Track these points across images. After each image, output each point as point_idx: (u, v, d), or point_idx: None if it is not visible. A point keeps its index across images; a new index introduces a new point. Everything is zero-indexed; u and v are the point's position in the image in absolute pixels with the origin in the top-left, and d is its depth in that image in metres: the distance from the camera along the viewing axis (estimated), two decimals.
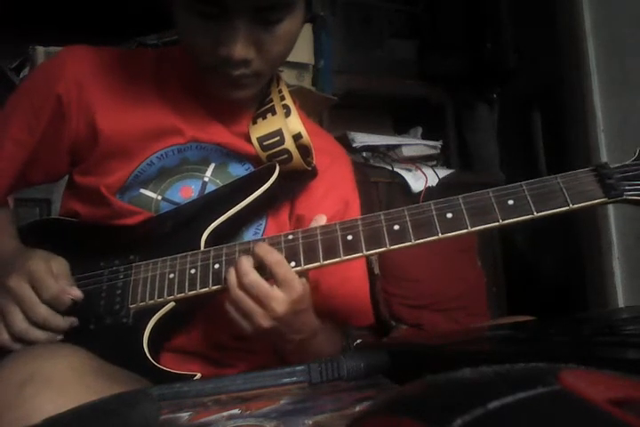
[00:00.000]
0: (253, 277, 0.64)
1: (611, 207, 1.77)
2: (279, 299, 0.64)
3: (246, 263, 0.65)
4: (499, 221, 0.63)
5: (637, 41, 1.68)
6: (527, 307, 1.38)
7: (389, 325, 1.71)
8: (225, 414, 0.50)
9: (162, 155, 0.81)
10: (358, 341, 0.81)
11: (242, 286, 0.64)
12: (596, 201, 0.62)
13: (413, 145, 2.08)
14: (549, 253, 2.10)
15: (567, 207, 0.62)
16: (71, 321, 0.70)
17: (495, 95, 2.29)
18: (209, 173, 0.82)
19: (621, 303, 1.75)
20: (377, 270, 1.72)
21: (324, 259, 0.66)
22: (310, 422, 0.48)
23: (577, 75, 1.86)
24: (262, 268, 0.66)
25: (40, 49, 1.55)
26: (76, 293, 0.70)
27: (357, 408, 0.52)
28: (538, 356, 0.50)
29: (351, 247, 0.66)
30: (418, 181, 1.90)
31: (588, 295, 1.86)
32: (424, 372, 0.30)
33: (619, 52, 1.75)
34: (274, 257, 0.65)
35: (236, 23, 0.67)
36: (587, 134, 1.82)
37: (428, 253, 1.75)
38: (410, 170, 1.93)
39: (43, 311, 0.67)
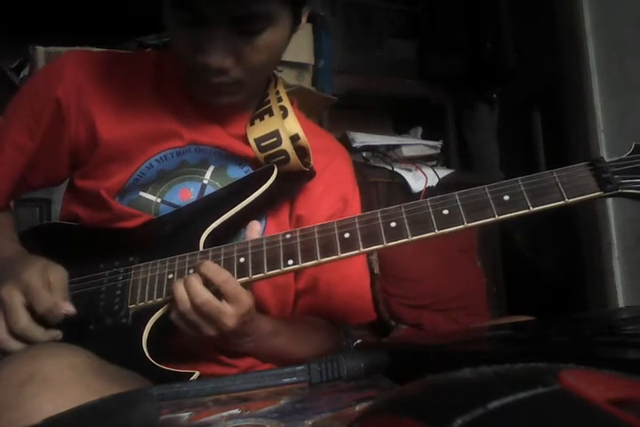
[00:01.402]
0: (206, 297, 0.65)
1: (611, 207, 1.77)
2: (229, 314, 0.66)
3: (197, 283, 0.66)
4: (495, 217, 0.63)
5: (637, 41, 1.68)
6: (527, 307, 1.38)
7: (389, 325, 1.71)
8: (225, 414, 0.50)
9: (161, 158, 0.81)
10: (358, 341, 0.81)
11: (194, 305, 0.65)
12: (592, 195, 0.61)
13: (413, 145, 2.08)
14: (549, 253, 2.10)
15: (563, 202, 0.61)
16: (54, 335, 0.68)
17: (495, 95, 2.29)
18: (208, 175, 0.82)
19: (621, 303, 1.75)
20: (377, 270, 1.72)
21: (322, 257, 0.67)
22: (310, 422, 0.48)
23: (577, 75, 1.86)
24: (209, 283, 0.67)
25: (40, 49, 1.54)
26: (69, 308, 0.69)
27: (357, 408, 0.52)
28: (538, 356, 0.50)
29: (348, 245, 0.66)
30: (418, 181, 1.90)
31: (588, 295, 1.86)
32: (424, 372, 0.30)
33: (619, 52, 1.75)
34: (221, 276, 0.66)
35: (213, 32, 0.67)
36: (587, 134, 1.82)
37: (428, 253, 1.75)
38: (410, 170, 1.93)
39: (23, 322, 0.66)
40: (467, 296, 1.80)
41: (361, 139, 1.98)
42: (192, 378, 0.67)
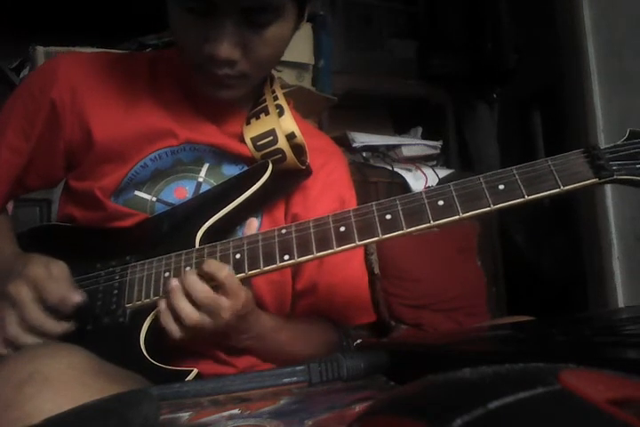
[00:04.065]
0: (206, 288, 0.67)
1: (610, 207, 1.76)
2: (226, 307, 0.66)
3: (194, 276, 0.67)
4: (490, 206, 0.62)
5: (637, 41, 1.68)
6: (527, 307, 1.38)
7: (389, 325, 1.71)
8: (225, 414, 0.50)
9: (155, 157, 0.81)
10: (358, 341, 0.81)
11: (192, 296, 0.66)
12: (587, 182, 0.61)
13: (413, 145, 2.08)
14: (549, 254, 2.10)
15: (558, 189, 0.61)
16: (66, 327, 0.69)
17: (495, 95, 2.29)
18: (203, 173, 0.82)
19: (621, 303, 1.75)
20: (377, 270, 1.72)
21: (318, 251, 0.66)
22: (310, 422, 0.48)
23: (577, 75, 1.86)
24: (207, 280, 0.68)
25: (40, 49, 1.54)
26: (80, 297, 0.69)
27: (357, 408, 0.51)
28: (538, 356, 0.50)
29: (344, 238, 0.66)
30: (418, 181, 1.90)
31: (588, 295, 1.86)
32: (424, 372, 0.30)
33: (619, 52, 1.75)
34: (224, 271, 0.67)
35: (223, 22, 0.67)
36: (587, 134, 1.82)
37: (428, 253, 1.75)
38: (410, 170, 1.93)
39: (34, 314, 0.66)
40: (466, 296, 1.80)
41: (361, 139, 1.98)
42: (190, 376, 0.67)
